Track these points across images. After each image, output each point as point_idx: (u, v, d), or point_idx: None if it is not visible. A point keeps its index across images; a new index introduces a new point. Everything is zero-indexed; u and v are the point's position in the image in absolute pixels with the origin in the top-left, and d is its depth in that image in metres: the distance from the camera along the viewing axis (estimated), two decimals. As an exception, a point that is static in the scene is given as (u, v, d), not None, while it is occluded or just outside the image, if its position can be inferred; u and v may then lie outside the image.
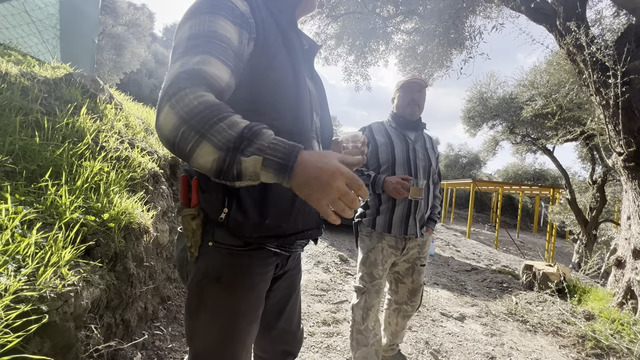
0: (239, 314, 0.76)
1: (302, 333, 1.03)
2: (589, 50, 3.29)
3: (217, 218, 0.72)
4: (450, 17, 4.48)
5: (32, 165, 1.44)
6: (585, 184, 8.04)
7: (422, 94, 1.79)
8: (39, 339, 0.88)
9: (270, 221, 0.74)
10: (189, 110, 0.54)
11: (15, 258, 0.96)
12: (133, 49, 9.58)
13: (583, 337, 2.72)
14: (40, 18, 3.49)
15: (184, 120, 0.54)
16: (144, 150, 2.31)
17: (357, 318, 1.69)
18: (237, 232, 0.73)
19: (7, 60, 2.29)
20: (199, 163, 0.55)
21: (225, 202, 0.71)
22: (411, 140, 1.76)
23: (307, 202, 0.55)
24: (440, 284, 4.18)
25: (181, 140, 0.54)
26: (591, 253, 6.84)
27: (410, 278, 1.81)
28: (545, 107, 6.18)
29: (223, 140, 0.53)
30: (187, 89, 0.56)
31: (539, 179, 19.24)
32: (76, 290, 1.03)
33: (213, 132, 0.53)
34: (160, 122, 0.56)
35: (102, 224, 1.39)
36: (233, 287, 0.75)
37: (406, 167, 1.70)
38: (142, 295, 1.66)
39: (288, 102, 0.75)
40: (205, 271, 0.75)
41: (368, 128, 1.83)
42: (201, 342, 0.76)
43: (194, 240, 0.74)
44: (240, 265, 0.76)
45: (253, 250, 0.76)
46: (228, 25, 0.66)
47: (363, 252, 1.74)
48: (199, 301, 0.75)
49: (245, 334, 0.78)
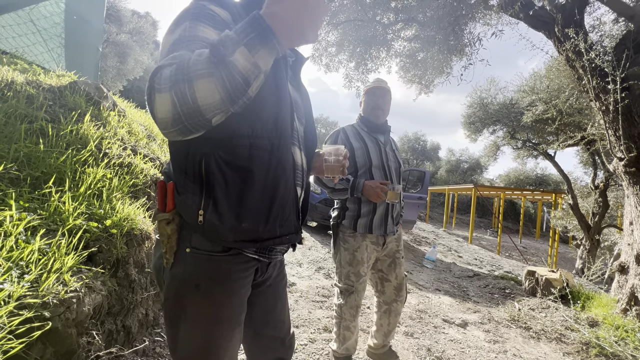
0: (221, 321, 0.75)
1: (293, 338, 1.01)
2: (588, 57, 3.31)
3: (193, 221, 0.71)
4: (449, 24, 4.53)
5: (37, 172, 1.45)
6: (588, 189, 8.00)
7: (386, 99, 1.88)
8: (42, 345, 0.89)
9: (247, 225, 0.73)
10: (169, 77, 0.55)
11: (19, 264, 0.97)
12: (136, 57, 9.69)
13: (587, 344, 2.69)
14: (46, 27, 3.55)
15: (170, 88, 0.54)
16: (146, 156, 2.33)
17: (347, 317, 1.79)
18: (213, 235, 0.72)
19: (13, 68, 2.33)
20: (210, 103, 0.55)
21: (201, 204, 0.70)
22: (382, 143, 1.86)
23: (301, 38, 0.58)
24: (442, 290, 4.15)
25: (181, 104, 0.54)
26: (594, 259, 6.79)
27: (393, 274, 1.89)
28: (545, 113, 6.20)
29: (204, 65, 0.53)
30: (162, 71, 0.56)
31: (541, 184, 19.18)
32: (78, 297, 1.03)
33: (193, 70, 0.53)
34: (159, 115, 0.56)
35: (104, 230, 1.40)
36: (213, 294, 0.74)
37: (382, 170, 1.80)
38: (143, 301, 1.66)
39: (268, 107, 0.75)
40: (183, 278, 0.73)
41: (342, 131, 1.88)
42: (184, 351, 0.74)
43: (169, 246, 0.73)
44: (219, 271, 0.74)
45: (232, 255, 0.75)
46: (209, 30, 0.67)
47: (348, 253, 1.80)
48: (179, 310, 0.74)
49: (228, 340, 0.77)
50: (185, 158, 0.72)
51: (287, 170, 0.79)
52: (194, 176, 0.71)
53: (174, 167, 0.75)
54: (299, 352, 2.09)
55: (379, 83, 1.88)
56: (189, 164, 0.71)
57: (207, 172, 0.70)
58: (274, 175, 0.76)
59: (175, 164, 0.75)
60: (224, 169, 0.71)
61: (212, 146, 0.70)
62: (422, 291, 3.96)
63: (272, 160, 0.75)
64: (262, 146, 0.73)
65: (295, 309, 2.73)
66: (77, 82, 2.44)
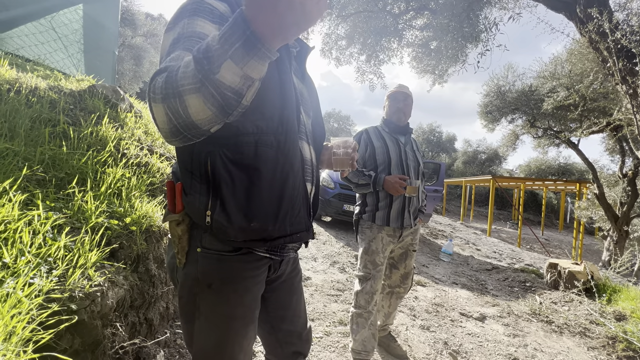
0: (235, 318, 0.76)
1: (310, 332, 1.02)
2: (614, 37, 3.13)
3: (202, 222, 0.71)
4: (464, 10, 4.39)
5: (61, 173, 1.53)
6: (615, 178, 7.62)
7: (407, 102, 2.02)
8: (70, 336, 0.95)
9: (256, 224, 0.72)
10: (161, 87, 0.53)
11: (47, 260, 1.03)
12: (151, 59, 9.93)
13: (613, 339, 2.59)
14: (66, 34, 3.69)
15: (163, 99, 0.53)
16: (162, 155, 2.40)
17: (362, 303, 1.86)
18: (222, 236, 0.71)
19: (37, 75, 2.45)
20: (203, 118, 0.53)
21: (209, 205, 0.70)
22: (402, 144, 1.99)
23: (296, 27, 0.49)
24: (460, 284, 4.09)
25: (175, 117, 0.53)
26: (622, 250, 6.48)
27: (403, 264, 2.05)
28: (567, 99, 5.93)
29: (191, 79, 0.50)
30: (157, 78, 0.56)
31: (564, 173, 18.40)
32: (102, 290, 1.09)
33: (181, 84, 0.51)
34: (160, 125, 0.56)
35: (124, 228, 1.46)
36: (225, 293, 0.75)
37: (400, 167, 1.92)
38: (164, 295, 1.73)
39: (272, 103, 0.73)
40: (195, 277, 0.74)
41: (365, 132, 2.04)
42: (199, 347, 0.76)
43: (180, 247, 0.74)
44: (230, 270, 0.75)
45: (243, 254, 0.75)
46: (207, 24, 0.66)
47: (365, 243, 1.92)
48: (192, 308, 0.75)
49: (242, 337, 0.77)
50: (191, 158, 0.71)
51: (295, 166, 0.78)
52: (200, 176, 0.71)
53: (180, 167, 0.75)
54: (315, 345, 2.12)
55: (401, 88, 2.04)
56: (194, 163, 0.71)
57: (213, 172, 0.70)
58: (281, 172, 0.75)
59: (181, 163, 0.74)
60: (230, 168, 0.70)
61: (217, 145, 0.69)
62: (439, 284, 3.92)
63: (279, 157, 0.74)
64: (268, 143, 0.72)
65: (311, 303, 2.77)
66: (95, 86, 2.53)
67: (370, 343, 1.86)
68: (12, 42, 2.90)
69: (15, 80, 2.02)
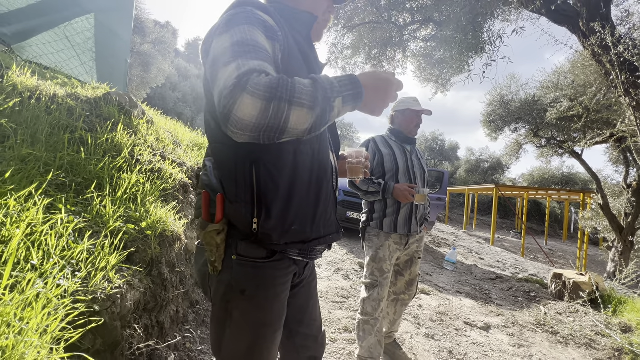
0: (265, 325, 0.79)
1: (324, 336, 1.04)
2: (616, 51, 3.19)
3: (247, 229, 0.74)
4: (468, 23, 4.46)
5: (79, 178, 1.58)
6: (619, 188, 7.59)
7: (421, 116, 2.10)
8: (92, 336, 0.98)
9: (297, 227, 0.77)
10: (270, 88, 0.56)
11: (71, 263, 1.08)
12: (159, 65, 10.11)
13: (619, 351, 2.58)
14: (79, 42, 3.79)
15: (269, 98, 0.56)
16: (174, 162, 2.46)
17: (369, 310, 1.88)
18: (266, 241, 0.74)
19: (55, 83, 2.53)
20: (295, 129, 0.60)
21: (255, 213, 0.73)
22: (408, 152, 2.06)
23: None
24: (464, 293, 4.08)
25: (272, 118, 0.57)
26: (627, 261, 6.43)
27: (409, 271, 2.08)
28: (571, 110, 5.97)
29: (309, 97, 0.60)
30: (258, 75, 0.58)
31: (568, 183, 18.32)
32: (121, 293, 1.13)
33: (298, 96, 0.58)
34: (240, 115, 0.56)
35: (140, 232, 1.50)
36: (258, 299, 0.77)
37: (407, 175, 1.98)
38: (175, 299, 1.76)
39: None
40: (229, 284, 0.77)
41: (372, 141, 2.09)
42: (229, 353, 0.78)
43: (218, 255, 0.76)
44: (263, 277, 0.78)
45: (275, 261, 0.79)
46: (263, 38, 0.69)
47: (372, 250, 1.95)
48: (225, 314, 0.78)
49: (271, 343, 0.81)
50: (235, 166, 0.74)
51: (327, 172, 0.85)
52: (245, 185, 0.74)
53: (224, 176, 0.77)
54: (321, 351, 2.13)
55: (418, 104, 2.09)
56: (239, 172, 0.74)
57: (258, 180, 0.73)
58: (317, 178, 0.81)
59: (224, 172, 0.77)
60: (274, 176, 0.74)
61: (261, 154, 0.73)
62: (443, 293, 3.91)
63: (314, 164, 0.80)
64: (305, 151, 0.78)
65: (316, 309, 2.78)
66: (110, 93, 2.60)
67: (376, 350, 1.87)
68: (32, 51, 2.99)
69: (36, 88, 2.09)
